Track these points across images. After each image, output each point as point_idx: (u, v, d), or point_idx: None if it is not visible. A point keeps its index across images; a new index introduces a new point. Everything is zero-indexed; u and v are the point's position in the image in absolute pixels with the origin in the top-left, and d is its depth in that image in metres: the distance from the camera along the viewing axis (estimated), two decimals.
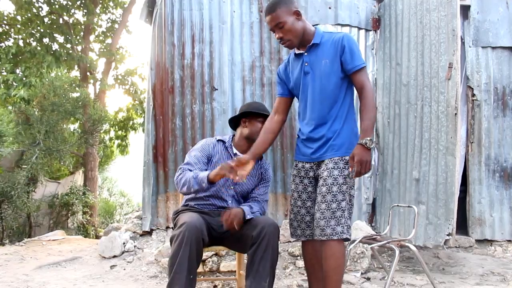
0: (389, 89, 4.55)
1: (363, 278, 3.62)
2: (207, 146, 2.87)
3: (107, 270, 3.93)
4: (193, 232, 2.45)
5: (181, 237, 2.43)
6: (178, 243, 2.44)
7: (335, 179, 2.47)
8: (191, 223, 2.48)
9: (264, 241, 2.54)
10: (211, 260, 3.88)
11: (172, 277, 2.44)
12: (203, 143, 2.90)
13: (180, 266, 2.42)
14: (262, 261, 2.54)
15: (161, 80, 4.50)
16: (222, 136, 2.97)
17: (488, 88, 4.69)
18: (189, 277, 2.45)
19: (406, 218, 4.16)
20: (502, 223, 4.63)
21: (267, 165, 3.03)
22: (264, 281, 2.54)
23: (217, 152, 2.86)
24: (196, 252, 2.47)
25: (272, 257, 2.57)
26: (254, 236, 2.57)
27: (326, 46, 2.54)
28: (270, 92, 4.54)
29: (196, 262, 2.51)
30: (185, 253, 2.42)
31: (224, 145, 2.89)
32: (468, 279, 3.69)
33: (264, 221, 2.62)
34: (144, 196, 4.47)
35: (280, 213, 4.47)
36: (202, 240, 2.50)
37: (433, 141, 3.89)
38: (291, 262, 3.94)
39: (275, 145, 4.47)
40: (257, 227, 2.58)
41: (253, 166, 2.62)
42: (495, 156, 4.67)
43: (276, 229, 2.61)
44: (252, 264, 2.58)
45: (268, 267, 2.55)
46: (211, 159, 2.83)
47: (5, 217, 6.89)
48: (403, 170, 4.26)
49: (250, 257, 2.60)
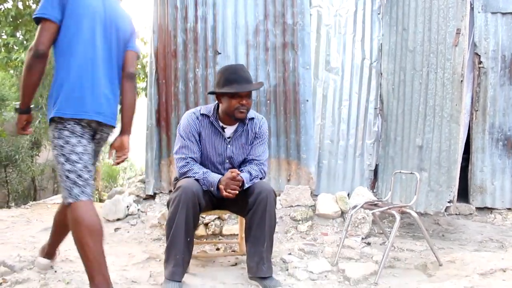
0: (395, 55, 4.48)
1: (363, 243, 3.67)
2: (193, 123, 2.77)
3: (111, 232, 3.98)
4: (189, 196, 2.48)
5: (177, 201, 2.47)
6: (175, 207, 2.48)
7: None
8: (187, 187, 2.50)
9: (261, 207, 2.57)
10: (214, 223, 3.92)
11: (170, 240, 2.50)
12: (190, 121, 2.77)
13: (177, 229, 2.48)
14: (259, 227, 2.59)
15: (163, 44, 4.43)
16: (206, 108, 2.84)
17: (496, 56, 4.61)
18: (186, 240, 2.51)
19: (408, 185, 4.18)
20: (503, 191, 4.65)
21: (261, 122, 2.92)
22: (262, 246, 2.60)
23: (203, 127, 2.79)
24: (193, 215, 2.52)
25: (269, 223, 2.60)
26: (250, 202, 2.60)
27: None
28: (274, 57, 4.48)
29: (193, 225, 2.56)
30: (181, 217, 2.47)
31: (209, 119, 2.80)
32: (467, 246, 3.74)
33: (260, 187, 2.63)
34: (147, 160, 4.49)
35: (282, 177, 4.49)
36: (199, 204, 2.53)
37: (438, 108, 3.85)
38: (292, 226, 3.98)
39: (278, 109, 4.45)
40: (253, 193, 2.61)
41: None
42: (499, 125, 4.64)
43: (272, 194, 2.64)
44: (250, 229, 2.63)
45: (266, 232, 2.60)
46: (200, 134, 2.78)
47: (10, 180, 6.97)
48: (406, 137, 4.25)
49: (247, 223, 2.66)
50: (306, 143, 4.45)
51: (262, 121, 2.93)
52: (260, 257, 2.58)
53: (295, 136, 4.46)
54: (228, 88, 2.64)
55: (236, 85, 2.64)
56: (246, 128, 2.85)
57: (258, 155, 2.86)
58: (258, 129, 2.88)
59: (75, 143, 2.21)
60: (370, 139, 4.68)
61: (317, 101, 4.61)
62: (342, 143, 4.64)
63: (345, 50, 4.66)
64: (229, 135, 2.83)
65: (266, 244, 2.60)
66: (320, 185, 4.59)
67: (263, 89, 4.45)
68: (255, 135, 2.88)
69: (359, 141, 4.67)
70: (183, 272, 2.52)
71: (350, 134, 4.66)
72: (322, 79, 4.63)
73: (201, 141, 2.79)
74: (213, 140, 2.80)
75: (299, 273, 2.86)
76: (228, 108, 2.69)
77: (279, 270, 2.97)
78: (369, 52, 4.68)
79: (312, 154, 4.47)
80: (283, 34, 4.49)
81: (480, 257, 2.88)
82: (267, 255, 2.61)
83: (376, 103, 4.69)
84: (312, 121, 4.50)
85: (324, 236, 3.82)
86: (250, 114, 2.85)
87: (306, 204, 4.22)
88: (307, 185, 4.36)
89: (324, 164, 4.62)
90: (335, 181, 4.63)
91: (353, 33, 4.66)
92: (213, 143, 2.80)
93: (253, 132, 2.87)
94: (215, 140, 2.80)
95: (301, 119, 4.46)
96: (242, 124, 2.83)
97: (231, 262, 3.15)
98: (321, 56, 4.63)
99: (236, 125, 2.83)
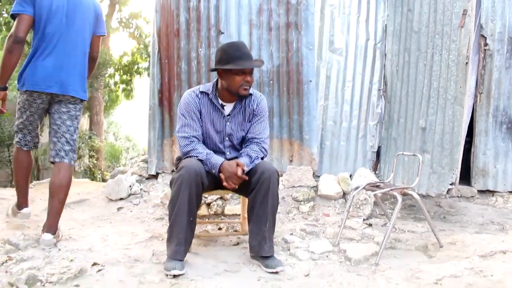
0: (399, 36, 4.43)
1: (365, 224, 3.69)
2: (193, 101, 2.77)
3: (114, 212, 4.01)
4: (192, 175, 2.49)
5: (180, 180, 2.48)
6: (177, 187, 2.49)
7: None
8: (191, 167, 2.51)
9: (264, 187, 2.59)
10: (216, 203, 3.94)
11: (173, 220, 2.51)
12: (190, 100, 2.78)
13: (180, 209, 2.49)
14: (262, 206, 2.60)
15: (166, 23, 4.39)
16: (204, 86, 2.84)
17: (502, 38, 4.55)
18: (189, 219, 2.52)
19: (410, 167, 4.18)
20: (505, 174, 4.64)
21: (259, 99, 2.90)
22: (265, 225, 2.61)
23: (203, 105, 2.78)
24: (196, 195, 2.53)
25: (271, 203, 2.62)
26: (253, 181, 2.61)
27: None
28: (277, 37, 4.43)
29: (196, 204, 2.57)
30: (184, 196, 2.48)
31: (208, 97, 2.79)
32: (468, 228, 3.75)
33: (263, 166, 2.65)
34: (149, 140, 4.49)
35: (285, 158, 4.49)
36: (202, 184, 2.54)
37: (442, 90, 3.83)
38: (294, 206, 4.00)
39: (281, 90, 4.43)
40: (256, 173, 2.62)
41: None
42: (504, 108, 4.61)
43: (275, 174, 2.65)
44: (252, 209, 2.65)
45: (268, 212, 2.61)
46: (200, 112, 2.78)
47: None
48: (409, 119, 4.23)
49: (250, 202, 2.67)
50: (308, 124, 4.44)
51: (260, 98, 2.91)
52: (263, 236, 2.60)
53: (298, 116, 4.45)
54: (233, 65, 2.62)
55: (242, 61, 2.62)
56: (244, 105, 2.85)
57: (258, 133, 2.84)
58: (256, 106, 2.86)
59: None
60: (373, 121, 4.67)
61: (320, 81, 4.58)
62: (345, 124, 4.63)
63: (349, 31, 4.61)
64: (228, 113, 2.83)
65: (268, 224, 2.62)
66: (322, 166, 4.59)
67: (266, 69, 4.42)
68: (253, 113, 2.87)
69: (362, 122, 4.65)
70: (185, 251, 2.53)
71: (353, 115, 4.64)
72: (325, 60, 4.59)
73: (201, 119, 2.79)
74: (212, 118, 2.80)
75: (301, 253, 2.88)
76: (231, 85, 2.68)
77: (281, 250, 2.99)
78: (374, 33, 4.63)
79: (314, 135, 4.46)
80: (286, 14, 4.44)
81: (480, 239, 2.90)
82: (269, 234, 2.63)
83: (380, 85, 4.66)
84: (315, 102, 4.48)
85: (325, 216, 3.85)
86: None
87: (308, 185, 4.23)
88: (309, 166, 4.37)
89: (326, 145, 4.61)
90: (338, 162, 4.63)
91: (357, 14, 4.60)
92: (212, 120, 2.81)
93: (251, 109, 2.86)
94: (215, 117, 2.81)
95: (304, 100, 4.44)
96: (239, 101, 2.83)
97: (233, 242, 3.18)
98: (325, 36, 4.58)
99: (235, 102, 2.82)
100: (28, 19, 2.75)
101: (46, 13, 2.79)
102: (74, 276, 2.22)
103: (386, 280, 2.41)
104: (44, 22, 2.79)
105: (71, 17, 2.89)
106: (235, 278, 2.41)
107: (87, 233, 3.18)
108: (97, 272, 2.36)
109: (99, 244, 2.92)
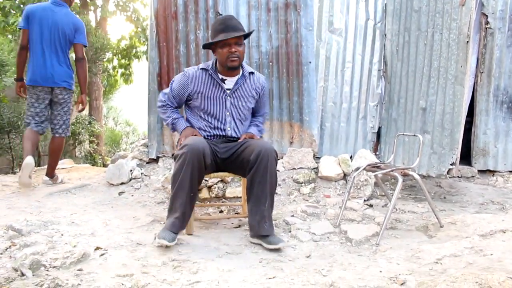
0: (399, 16, 4.38)
1: (365, 205, 3.70)
2: (186, 79, 2.91)
3: (116, 196, 4.03)
4: (195, 153, 2.55)
5: (183, 157, 2.56)
6: (181, 163, 2.57)
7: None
8: (194, 144, 2.58)
9: (262, 165, 2.62)
10: (217, 186, 3.96)
11: (175, 192, 2.61)
12: (183, 79, 2.93)
13: (181, 184, 2.58)
14: (260, 185, 2.64)
15: (163, 6, 4.34)
16: (205, 64, 2.95)
17: (504, 16, 4.50)
18: (190, 195, 2.61)
19: (411, 148, 4.18)
20: (506, 154, 4.64)
21: (261, 81, 3.07)
22: (263, 204, 2.65)
23: (202, 81, 2.88)
24: (198, 172, 2.60)
25: (270, 181, 2.65)
26: (251, 160, 2.65)
27: None
28: (276, 18, 4.38)
29: (198, 181, 2.65)
30: (187, 173, 2.56)
31: (207, 73, 2.90)
32: (468, 208, 3.77)
33: (261, 145, 2.69)
34: (149, 124, 4.48)
35: (285, 140, 4.48)
36: (204, 161, 2.60)
37: (442, 70, 3.80)
38: (295, 188, 4.01)
39: (280, 72, 4.40)
40: (254, 151, 2.66)
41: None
42: (505, 87, 4.59)
43: (273, 153, 2.68)
44: (251, 188, 2.68)
45: (267, 191, 2.65)
46: (192, 89, 2.90)
47: (14, 146, 6.98)
48: (410, 99, 4.21)
49: (248, 182, 2.71)
50: (308, 106, 4.42)
51: (262, 77, 3.09)
52: (262, 215, 2.64)
53: (298, 98, 4.43)
54: (215, 38, 2.76)
55: (223, 34, 2.73)
56: (247, 81, 2.96)
57: (264, 111, 3.20)
58: (261, 89, 3.04)
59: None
60: (373, 101, 4.65)
61: (320, 63, 4.55)
62: (345, 105, 4.61)
63: (349, 11, 4.55)
64: (229, 87, 2.92)
65: (267, 203, 2.66)
66: (323, 148, 4.59)
67: (265, 50, 4.39)
68: (256, 92, 3.01)
69: (362, 103, 4.63)
70: (181, 226, 2.62)
71: (353, 96, 4.62)
72: (325, 41, 4.55)
73: (201, 95, 2.89)
74: (212, 93, 2.89)
75: (302, 234, 2.90)
76: (220, 58, 2.81)
77: (282, 232, 3.01)
78: (373, 13, 4.57)
79: (314, 117, 4.45)
80: None
81: (480, 219, 2.91)
82: (268, 213, 2.67)
83: (380, 65, 4.62)
84: (315, 83, 4.45)
85: (326, 198, 3.86)
86: (249, 69, 3.00)
87: (309, 167, 4.24)
88: (310, 148, 4.37)
89: (326, 127, 4.60)
90: (338, 143, 4.63)
91: None
92: (212, 95, 2.89)
93: (253, 88, 2.99)
94: (214, 92, 2.89)
95: (303, 81, 4.41)
96: (242, 77, 2.94)
97: (235, 224, 3.19)
98: (324, 16, 4.53)
99: (237, 77, 2.93)
100: (25, 32, 4.00)
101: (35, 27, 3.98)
102: (77, 260, 2.24)
103: (387, 260, 2.43)
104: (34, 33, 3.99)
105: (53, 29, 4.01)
106: (237, 260, 2.43)
107: (89, 218, 3.19)
108: (100, 256, 2.37)
109: (101, 229, 2.94)
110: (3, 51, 6.85)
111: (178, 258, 2.39)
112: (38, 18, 3.94)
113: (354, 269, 2.28)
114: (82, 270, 2.15)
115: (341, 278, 2.11)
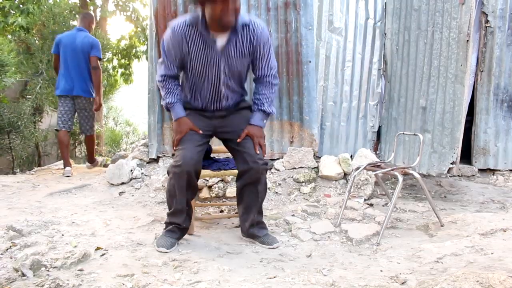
0: (399, 15, 4.38)
1: (366, 204, 3.70)
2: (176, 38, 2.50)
3: (116, 196, 4.03)
4: (190, 165, 2.51)
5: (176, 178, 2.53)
6: (172, 184, 2.56)
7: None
8: (185, 163, 2.50)
9: (252, 184, 2.65)
10: (217, 186, 3.95)
11: (172, 211, 2.64)
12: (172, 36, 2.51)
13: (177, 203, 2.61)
14: (250, 198, 2.71)
15: (163, 5, 4.34)
16: (192, 17, 2.50)
17: (504, 14, 4.49)
18: (185, 208, 2.64)
19: (411, 147, 4.17)
20: (506, 153, 4.64)
21: (259, 29, 2.55)
22: (253, 214, 2.73)
23: (192, 41, 2.49)
24: (191, 190, 2.63)
25: (261, 195, 2.71)
26: (241, 170, 2.66)
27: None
28: (275, 17, 4.38)
29: (191, 193, 2.66)
30: (181, 189, 2.55)
31: (197, 30, 2.47)
32: (469, 207, 3.77)
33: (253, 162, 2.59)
34: (149, 124, 4.48)
35: (285, 139, 4.48)
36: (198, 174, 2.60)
37: (442, 69, 3.80)
38: (295, 188, 4.01)
39: (280, 71, 4.39)
40: (246, 163, 2.61)
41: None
42: (505, 86, 4.59)
43: (265, 173, 2.67)
44: (241, 196, 2.75)
45: (258, 202, 2.72)
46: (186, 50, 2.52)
47: (14, 147, 6.97)
48: (410, 98, 4.21)
49: (238, 189, 2.75)
50: (308, 105, 4.42)
51: (259, 28, 2.56)
52: (251, 222, 2.73)
53: (298, 97, 4.43)
54: None
55: None
56: (239, 37, 2.52)
57: (265, 70, 2.66)
58: (256, 40, 2.55)
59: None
60: (373, 101, 4.65)
61: (320, 62, 4.54)
62: (345, 104, 4.61)
63: (349, 10, 4.55)
64: (221, 47, 2.52)
65: (257, 211, 2.75)
66: (323, 147, 4.59)
67: None
68: (252, 46, 2.56)
69: (362, 102, 4.63)
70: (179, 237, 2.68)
71: (353, 95, 4.62)
72: (325, 40, 4.54)
73: (190, 57, 2.54)
74: (203, 54, 2.52)
75: (302, 234, 2.90)
76: (213, 15, 2.38)
77: (283, 231, 3.01)
78: (373, 12, 4.57)
79: (314, 116, 4.45)
80: None
81: (481, 218, 2.91)
82: (258, 219, 2.76)
83: (380, 64, 4.62)
84: (315, 82, 4.45)
85: (327, 197, 3.86)
86: (244, 20, 2.51)
87: (309, 166, 4.24)
88: (310, 147, 4.37)
89: (327, 126, 4.60)
90: (338, 143, 4.63)
91: None
92: (203, 56, 2.53)
93: (249, 42, 2.54)
94: (206, 53, 2.52)
95: (303, 81, 4.41)
96: (234, 32, 2.50)
97: (235, 224, 3.19)
98: (324, 16, 4.52)
99: (228, 33, 2.50)
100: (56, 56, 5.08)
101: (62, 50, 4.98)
102: (78, 260, 2.24)
103: (387, 259, 2.43)
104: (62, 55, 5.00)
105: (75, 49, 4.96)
106: (238, 260, 2.43)
107: (89, 218, 3.20)
108: (101, 256, 2.38)
109: (102, 229, 2.94)
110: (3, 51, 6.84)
111: (178, 258, 2.39)
112: (64, 44, 4.95)
113: (355, 269, 2.29)
114: (82, 270, 2.15)
115: (341, 278, 2.11)
